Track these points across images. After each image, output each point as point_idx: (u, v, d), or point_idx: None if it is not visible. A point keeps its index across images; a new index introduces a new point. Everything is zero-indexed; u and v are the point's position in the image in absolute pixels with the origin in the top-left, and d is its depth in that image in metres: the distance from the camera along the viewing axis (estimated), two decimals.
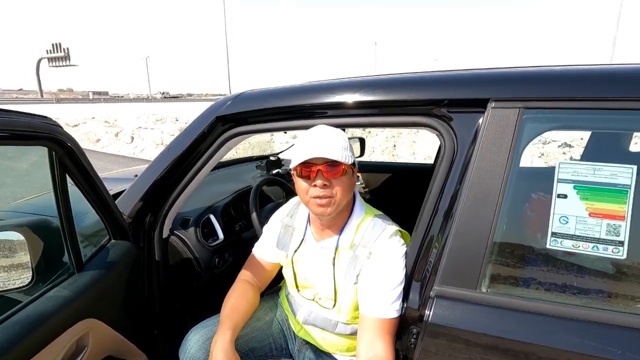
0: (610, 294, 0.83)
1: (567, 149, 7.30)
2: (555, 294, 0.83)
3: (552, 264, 0.84)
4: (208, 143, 1.27)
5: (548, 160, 6.81)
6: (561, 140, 7.61)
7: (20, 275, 0.97)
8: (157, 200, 1.34)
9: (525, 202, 0.90)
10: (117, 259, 1.17)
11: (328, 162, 0.97)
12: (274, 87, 1.23)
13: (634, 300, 0.81)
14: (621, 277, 0.82)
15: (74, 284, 0.99)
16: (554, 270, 0.84)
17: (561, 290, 0.83)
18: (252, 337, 1.19)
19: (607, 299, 0.83)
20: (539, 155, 7.03)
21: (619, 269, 0.81)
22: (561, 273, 0.84)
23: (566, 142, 7.50)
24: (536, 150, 7.24)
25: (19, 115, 0.79)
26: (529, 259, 0.88)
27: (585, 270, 0.83)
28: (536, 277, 0.87)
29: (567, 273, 0.84)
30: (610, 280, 0.84)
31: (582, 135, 6.63)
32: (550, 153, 7.19)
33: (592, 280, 0.84)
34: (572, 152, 7.11)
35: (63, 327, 0.91)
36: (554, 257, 0.83)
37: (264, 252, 1.24)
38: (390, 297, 0.96)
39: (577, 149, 7.16)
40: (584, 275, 0.84)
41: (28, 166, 2.28)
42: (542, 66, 0.92)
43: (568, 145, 7.41)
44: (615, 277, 0.83)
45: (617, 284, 0.84)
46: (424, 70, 1.10)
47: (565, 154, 7.07)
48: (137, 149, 10.58)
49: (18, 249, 1.01)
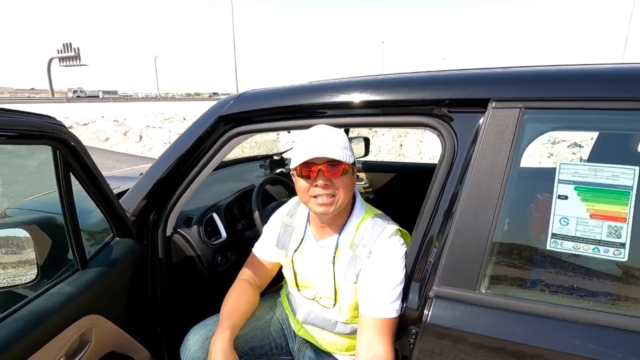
0: (611, 296, 0.82)
1: (576, 149, 7.19)
2: (555, 296, 0.83)
3: (552, 266, 0.83)
4: (211, 142, 1.28)
5: (557, 160, 6.72)
6: (571, 140, 7.50)
7: (26, 271, 0.99)
8: (160, 199, 1.35)
9: (526, 203, 0.89)
10: (120, 256, 1.19)
11: (329, 161, 0.97)
12: (276, 87, 1.24)
13: (634, 302, 0.80)
14: (622, 279, 0.81)
15: (78, 280, 1.01)
16: (554, 272, 0.84)
17: (561, 292, 0.83)
18: (252, 336, 1.20)
19: (607, 301, 0.82)
20: (548, 156, 6.94)
21: (620, 271, 0.80)
22: (561, 275, 0.83)
23: (576, 142, 7.38)
24: (545, 151, 7.14)
25: (24, 115, 0.81)
26: (528, 260, 0.88)
27: (585, 272, 0.82)
28: (536, 278, 0.86)
29: (567, 275, 0.83)
30: (610, 282, 0.83)
31: (592, 136, 6.53)
32: (559, 153, 7.09)
33: (592, 282, 0.83)
34: (582, 152, 7.00)
35: (67, 323, 0.93)
36: (553, 258, 0.82)
37: (264, 252, 1.25)
38: (390, 297, 0.96)
39: (587, 149, 7.05)
40: (584, 277, 0.83)
41: (38, 164, 2.32)
42: (543, 66, 0.91)
43: (578, 145, 7.29)
44: (615, 279, 0.82)
45: (617, 286, 0.83)
46: (431, 70, 1.09)
47: (575, 154, 6.96)
48: (145, 147, 10.70)
49: (25, 246, 1.04)
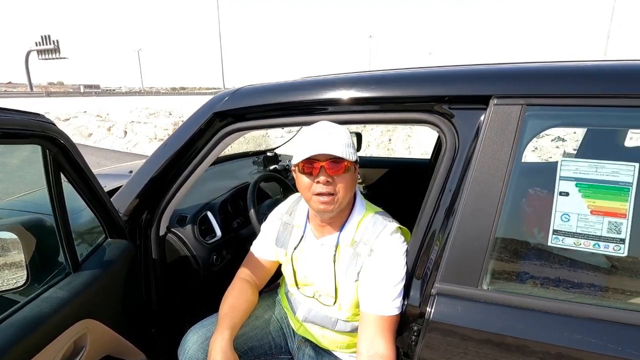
0: (612, 291, 0.84)
1: (560, 143, 7.36)
2: (557, 291, 0.84)
3: (554, 262, 0.84)
4: (205, 139, 1.25)
5: (542, 154, 6.87)
6: (554, 134, 7.67)
7: (15, 276, 0.95)
8: (153, 198, 1.32)
9: (527, 200, 0.90)
10: (114, 257, 1.15)
11: (331, 158, 0.96)
12: (273, 83, 1.21)
13: (634, 297, 0.81)
14: (622, 275, 0.83)
15: (71, 284, 0.98)
16: (555, 268, 0.85)
17: (563, 288, 0.84)
18: (251, 335, 1.19)
19: (608, 296, 0.83)
20: (532, 150, 7.08)
21: (620, 266, 0.81)
22: (562, 270, 0.84)
23: (559, 136, 7.56)
24: (529, 145, 7.27)
25: (12, 113, 0.77)
26: (530, 256, 0.88)
27: (586, 267, 0.83)
28: (537, 274, 0.87)
29: (569, 270, 0.84)
30: (611, 278, 0.85)
31: (575, 130, 6.69)
32: (543, 147, 7.25)
33: (593, 278, 0.85)
34: (566, 146, 7.17)
35: (61, 329, 0.90)
36: (555, 254, 0.83)
37: (263, 250, 1.23)
38: (392, 294, 0.96)
39: (570, 143, 7.23)
40: (585, 273, 0.84)
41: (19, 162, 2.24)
42: (545, 62, 0.92)
43: (561, 140, 7.47)
44: (616, 274, 0.83)
45: (618, 281, 0.84)
46: (420, 65, 1.08)
47: (559, 148, 7.13)
48: (130, 143, 10.46)
49: (11, 249, 1.00)
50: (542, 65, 0.92)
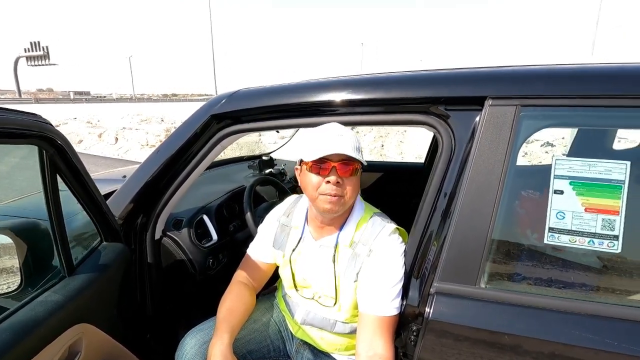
0: (607, 287, 0.85)
1: (549, 148, 7.48)
2: (554, 289, 0.85)
3: (550, 259, 0.86)
4: (203, 142, 1.25)
5: (531, 159, 6.98)
6: (543, 139, 7.80)
7: (8, 280, 0.93)
8: (149, 201, 1.31)
9: (523, 198, 0.92)
10: (109, 261, 1.14)
11: (343, 159, 0.97)
12: (271, 85, 1.22)
13: (629, 292, 0.83)
14: (616, 271, 0.85)
15: (66, 288, 0.96)
16: (552, 265, 0.86)
17: (559, 285, 0.85)
18: (250, 339, 1.18)
19: (604, 292, 0.85)
20: (522, 154, 7.18)
21: (614, 262, 0.83)
22: (559, 268, 0.86)
23: (548, 142, 7.69)
24: (520, 150, 7.37)
25: (8, 113, 0.76)
26: (527, 254, 0.90)
27: (582, 264, 0.85)
28: (534, 272, 0.88)
29: (565, 268, 0.86)
30: (606, 274, 0.86)
31: (563, 135, 6.82)
32: (533, 152, 7.36)
33: (589, 274, 0.86)
34: (555, 150, 7.29)
35: (55, 333, 0.88)
36: (551, 251, 0.85)
37: (260, 253, 1.22)
38: (390, 294, 0.96)
39: (559, 148, 7.35)
40: (581, 270, 0.86)
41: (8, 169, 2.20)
42: (539, 64, 0.94)
43: (550, 145, 7.60)
44: (611, 270, 0.85)
45: (613, 277, 0.86)
46: (414, 70, 1.10)
47: (548, 153, 7.25)
48: (122, 149, 10.36)
49: (6, 253, 0.98)
50: (536, 67, 0.94)
